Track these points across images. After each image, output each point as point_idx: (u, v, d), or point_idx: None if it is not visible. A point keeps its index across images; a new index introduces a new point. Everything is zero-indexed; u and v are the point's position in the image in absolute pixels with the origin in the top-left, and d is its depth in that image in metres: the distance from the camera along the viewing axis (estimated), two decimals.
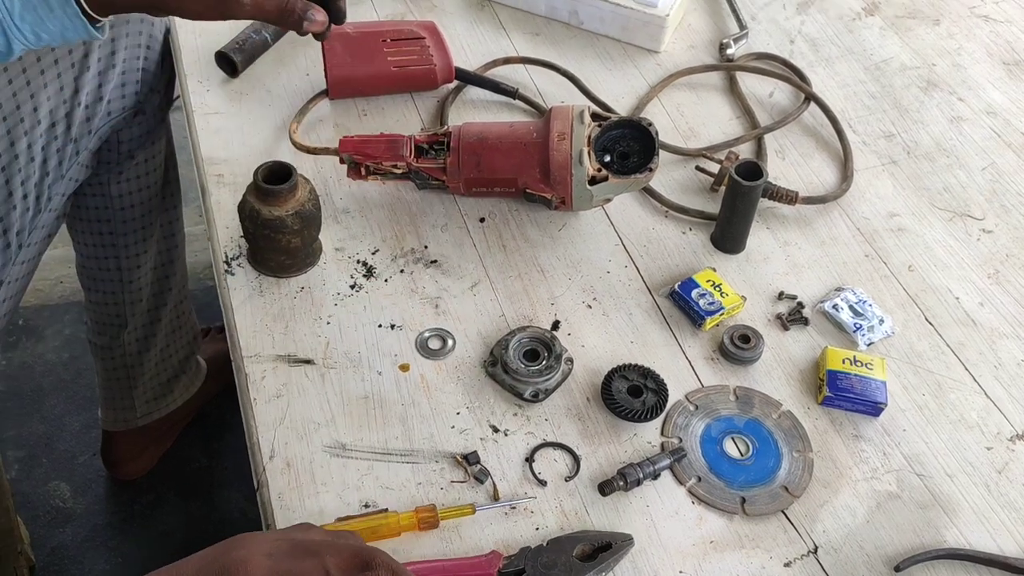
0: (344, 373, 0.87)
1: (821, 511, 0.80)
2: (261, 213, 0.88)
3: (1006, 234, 1.03)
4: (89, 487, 1.52)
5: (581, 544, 0.75)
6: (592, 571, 0.73)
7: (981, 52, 1.25)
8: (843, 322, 0.92)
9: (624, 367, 0.87)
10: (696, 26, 1.26)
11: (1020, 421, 0.87)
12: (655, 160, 0.94)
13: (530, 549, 0.74)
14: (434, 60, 1.10)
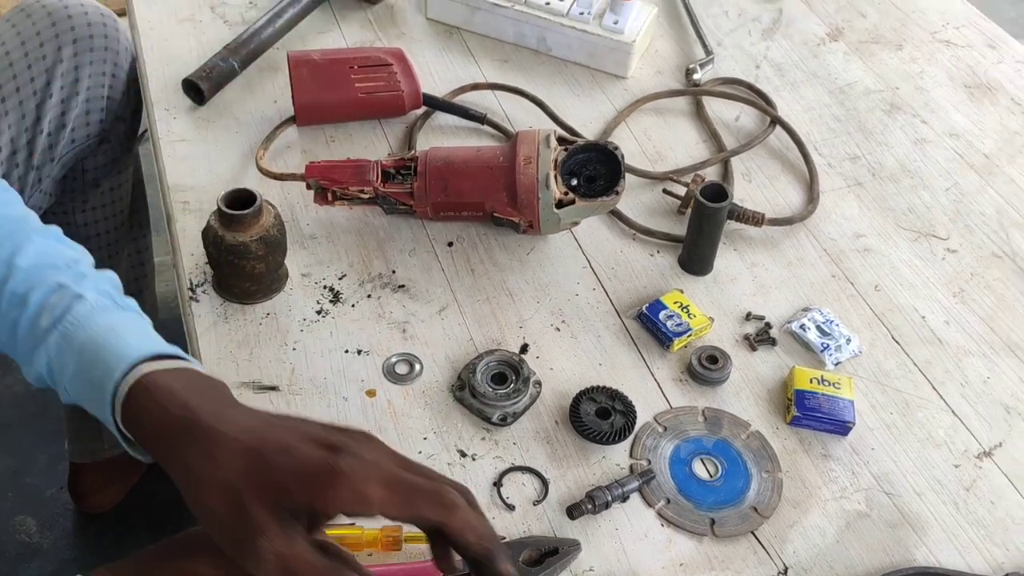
0: (310, 399, 0.86)
1: (791, 531, 0.80)
2: (225, 239, 0.87)
3: (970, 253, 1.04)
4: (56, 521, 1.50)
5: (528, 549, 0.75)
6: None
7: (943, 76, 1.27)
8: (810, 342, 0.93)
9: (592, 389, 0.86)
10: (663, 52, 1.27)
11: (987, 438, 0.88)
12: (621, 183, 0.94)
13: None
14: (402, 86, 1.10)
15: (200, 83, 1.11)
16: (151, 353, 0.61)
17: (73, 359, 0.62)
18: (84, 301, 0.64)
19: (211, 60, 1.13)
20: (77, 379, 0.62)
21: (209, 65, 1.12)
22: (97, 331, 0.62)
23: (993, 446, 0.87)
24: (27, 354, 0.65)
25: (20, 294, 0.65)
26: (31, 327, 0.64)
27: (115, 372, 0.59)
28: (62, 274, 0.67)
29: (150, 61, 1.17)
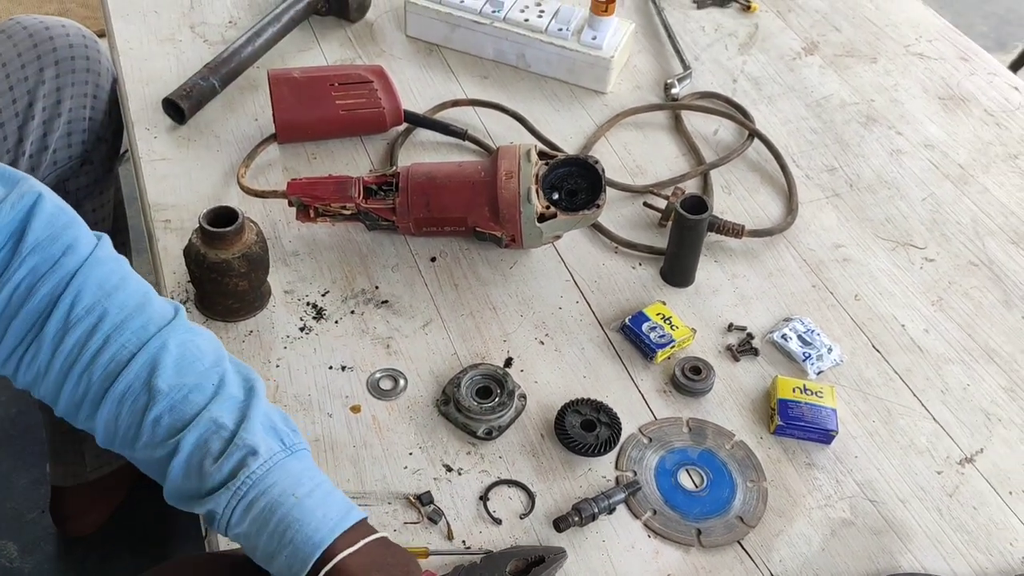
0: (294, 416, 0.85)
1: (777, 540, 0.80)
2: (207, 256, 0.87)
3: (947, 262, 1.05)
4: (38, 545, 1.48)
5: (515, 559, 0.75)
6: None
7: (917, 88, 1.29)
8: (792, 352, 0.93)
9: (577, 402, 0.87)
10: (641, 67, 1.29)
11: (968, 445, 0.88)
12: (602, 196, 0.95)
13: (463, 567, 0.74)
14: (382, 103, 1.11)
15: (180, 102, 1.11)
16: (340, 531, 0.62)
17: (246, 522, 0.62)
18: (257, 456, 0.62)
19: (191, 79, 1.13)
20: (247, 540, 0.63)
21: (189, 84, 1.12)
22: (276, 498, 0.62)
23: (974, 452, 0.88)
24: (183, 495, 0.64)
25: (167, 429, 0.63)
26: (191, 472, 0.63)
27: (308, 558, 0.61)
28: (208, 395, 0.64)
29: (130, 81, 1.17)
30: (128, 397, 0.64)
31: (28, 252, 0.64)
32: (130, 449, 0.65)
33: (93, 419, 0.65)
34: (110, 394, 0.64)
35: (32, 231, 0.64)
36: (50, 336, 0.63)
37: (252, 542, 0.63)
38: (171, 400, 0.63)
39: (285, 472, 0.63)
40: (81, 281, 0.64)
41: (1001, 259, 1.06)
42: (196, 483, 0.63)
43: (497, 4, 1.24)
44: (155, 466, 0.65)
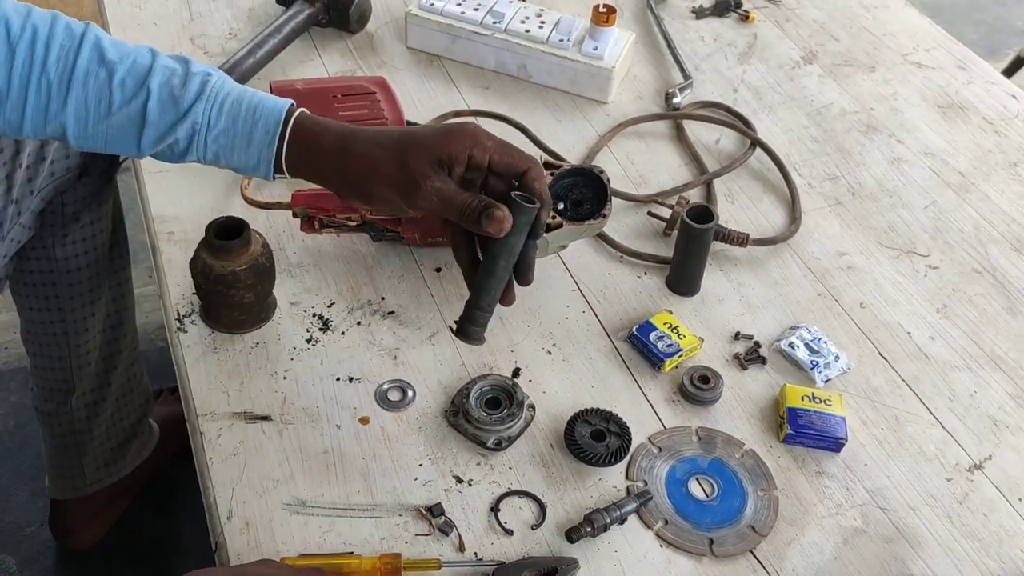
0: (302, 428, 0.85)
1: (789, 549, 0.80)
2: (214, 268, 0.87)
3: (951, 269, 1.06)
4: (37, 559, 1.46)
5: (527, 571, 0.74)
6: None
7: (916, 96, 1.29)
8: (800, 360, 0.93)
9: (586, 412, 0.86)
10: (642, 77, 1.29)
11: (976, 452, 0.89)
12: (608, 206, 0.95)
13: None
14: (385, 114, 1.11)
15: None
16: (291, 103, 0.79)
17: (222, 118, 0.77)
18: (212, 75, 0.78)
19: None
20: (226, 134, 0.78)
21: None
22: (239, 94, 0.78)
23: (983, 459, 0.88)
24: (163, 128, 0.77)
25: (134, 85, 0.76)
26: (165, 106, 0.77)
27: (276, 118, 0.77)
28: (149, 57, 0.78)
29: None
30: (89, 77, 0.76)
31: None
32: (106, 117, 0.77)
33: (64, 111, 0.77)
34: (72, 82, 0.76)
35: None
36: (2, 62, 0.75)
37: (230, 133, 0.78)
38: (125, 65, 0.77)
39: (234, 85, 0.80)
40: (4, 13, 0.75)
41: (1004, 266, 1.06)
42: (172, 111, 0.77)
43: (498, 15, 1.24)
44: (131, 122, 0.77)
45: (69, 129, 0.78)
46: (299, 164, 0.79)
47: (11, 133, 0.79)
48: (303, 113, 0.79)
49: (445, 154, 0.76)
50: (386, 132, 0.78)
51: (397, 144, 0.76)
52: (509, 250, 0.78)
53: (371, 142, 0.77)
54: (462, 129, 0.77)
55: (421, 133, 0.78)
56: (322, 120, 0.79)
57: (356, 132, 0.78)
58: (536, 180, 0.78)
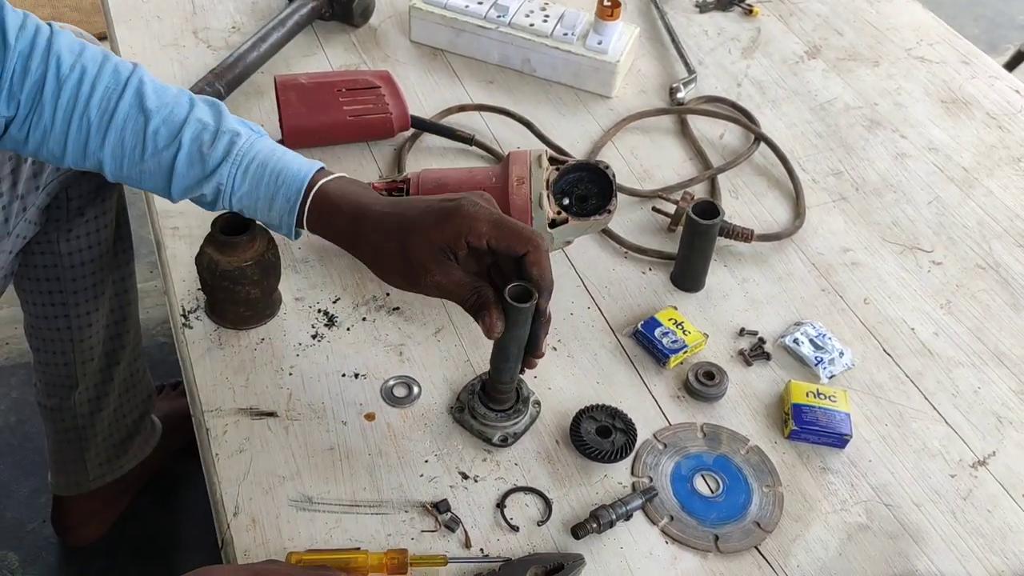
0: (308, 424, 0.85)
1: (794, 545, 0.80)
2: (220, 264, 0.87)
3: (955, 265, 1.06)
4: (39, 555, 1.47)
5: (533, 568, 0.74)
6: None
7: (919, 91, 1.29)
8: (804, 356, 0.94)
9: (592, 408, 0.86)
10: (646, 71, 1.29)
11: (980, 448, 0.89)
12: (613, 202, 0.95)
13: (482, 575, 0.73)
14: (390, 108, 1.11)
15: None
16: (316, 169, 0.81)
17: (246, 182, 0.80)
18: (240, 136, 0.80)
19: (196, 85, 1.13)
20: (249, 196, 0.81)
21: (195, 90, 1.12)
22: (264, 159, 0.80)
23: (987, 455, 0.88)
24: (189, 182, 0.81)
25: (167, 136, 0.80)
26: (193, 161, 0.80)
27: (297, 187, 0.79)
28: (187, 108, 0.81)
29: None
30: (128, 122, 0.80)
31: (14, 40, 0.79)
32: (140, 162, 0.81)
33: (101, 150, 0.81)
34: (112, 125, 0.80)
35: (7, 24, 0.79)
36: (49, 97, 0.79)
37: (252, 195, 0.80)
38: (162, 115, 0.80)
39: (262, 145, 0.81)
40: (57, 49, 0.80)
41: (1008, 262, 1.06)
42: (199, 169, 0.80)
43: (502, 9, 1.24)
44: (162, 170, 0.81)
45: (106, 166, 0.82)
46: (317, 232, 0.81)
47: (54, 162, 0.84)
48: (324, 186, 0.80)
49: (443, 242, 0.75)
50: (392, 215, 0.77)
51: (399, 233, 0.76)
52: (517, 340, 0.78)
53: (379, 225, 0.77)
54: (458, 213, 0.75)
55: (420, 220, 0.76)
56: (340, 193, 0.79)
57: (367, 213, 0.78)
58: (534, 265, 0.75)
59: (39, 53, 0.79)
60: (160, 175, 0.82)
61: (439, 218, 0.75)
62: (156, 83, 0.83)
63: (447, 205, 0.76)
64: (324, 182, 0.80)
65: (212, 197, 0.81)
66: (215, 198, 0.82)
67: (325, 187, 0.80)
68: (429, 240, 0.75)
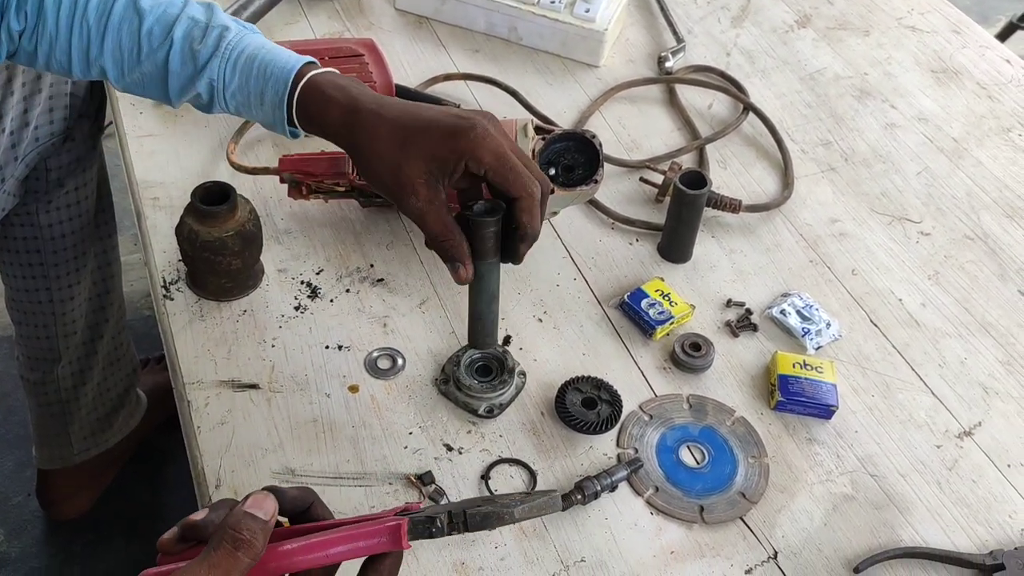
0: (291, 397, 0.84)
1: (779, 516, 0.80)
2: (200, 235, 0.85)
3: (943, 236, 1.05)
4: (24, 529, 1.46)
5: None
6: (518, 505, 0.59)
7: (910, 61, 1.28)
8: (791, 327, 0.93)
9: (577, 379, 0.86)
10: (634, 40, 1.27)
11: (966, 418, 0.89)
12: (600, 172, 0.93)
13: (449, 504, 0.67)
14: (374, 77, 1.09)
15: None
16: (304, 62, 0.78)
17: (236, 76, 0.78)
18: (229, 30, 0.79)
19: None
20: (241, 91, 0.79)
21: None
22: (253, 52, 0.78)
23: (973, 426, 0.88)
24: (184, 80, 0.80)
25: (160, 34, 0.79)
26: (185, 58, 0.79)
27: (286, 80, 0.77)
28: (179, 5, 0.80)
29: None
30: (123, 23, 0.79)
31: None
32: (137, 64, 0.80)
33: (102, 55, 0.80)
34: (109, 27, 0.79)
35: None
36: (51, 4, 0.79)
37: (244, 90, 0.79)
38: (155, 14, 0.79)
39: (250, 40, 0.80)
40: None
41: (996, 232, 1.06)
42: (191, 65, 0.79)
43: None
44: (158, 70, 0.80)
45: (109, 73, 0.81)
46: (312, 130, 0.78)
47: (63, 74, 0.83)
48: (313, 77, 0.76)
49: (442, 158, 0.71)
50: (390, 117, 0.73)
51: (400, 138, 0.72)
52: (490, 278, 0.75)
53: (379, 123, 0.73)
54: (466, 133, 0.71)
55: (425, 130, 0.72)
56: (331, 84, 0.76)
57: (360, 110, 0.74)
58: (524, 212, 0.72)
59: None
60: (157, 77, 0.80)
61: (445, 134, 0.71)
62: None
63: (459, 122, 0.72)
64: (314, 74, 0.77)
65: (207, 97, 0.80)
66: (210, 97, 0.80)
67: (315, 79, 0.77)
68: (429, 153, 0.71)
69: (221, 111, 0.81)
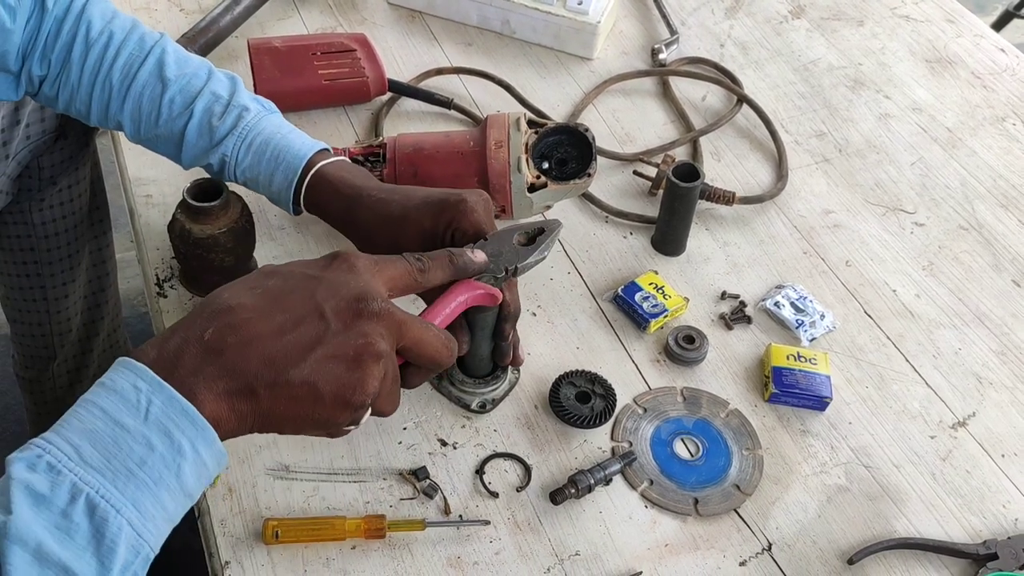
0: None
1: (773, 508, 0.80)
2: (192, 232, 0.85)
3: (937, 226, 1.05)
4: None
5: (517, 234, 0.75)
6: (536, 251, 0.74)
7: (904, 51, 1.28)
8: (785, 319, 0.93)
9: (571, 373, 0.86)
10: (628, 32, 1.27)
11: (961, 409, 0.89)
12: (593, 165, 0.93)
13: (473, 245, 0.73)
14: (366, 72, 1.09)
15: None
16: (316, 149, 0.82)
17: (249, 156, 0.82)
18: (248, 111, 0.83)
19: None
20: (251, 170, 0.82)
21: None
22: (268, 136, 0.82)
23: (967, 416, 0.88)
24: (198, 152, 0.83)
25: (181, 104, 0.82)
26: (203, 131, 0.82)
27: (296, 167, 0.81)
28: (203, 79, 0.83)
29: None
30: (146, 89, 0.83)
31: (52, 5, 0.82)
32: (154, 128, 0.83)
33: (121, 113, 0.84)
34: (132, 90, 0.83)
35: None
36: (77, 58, 0.82)
37: (255, 171, 0.82)
38: (179, 84, 0.83)
39: (269, 121, 0.84)
40: (88, 15, 0.83)
41: (990, 223, 1.06)
42: (207, 139, 0.82)
43: None
44: (174, 138, 0.83)
45: (126, 129, 0.85)
46: (314, 212, 0.82)
47: (83, 120, 0.86)
48: (323, 167, 0.80)
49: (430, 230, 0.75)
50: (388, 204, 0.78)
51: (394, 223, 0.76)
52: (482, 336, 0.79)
53: (373, 213, 0.77)
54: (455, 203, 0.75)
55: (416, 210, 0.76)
56: (337, 176, 0.80)
57: (362, 199, 0.78)
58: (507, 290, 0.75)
59: (72, 16, 0.83)
60: (172, 142, 0.84)
61: (434, 208, 0.75)
62: (180, 53, 0.85)
63: (448, 196, 0.76)
64: (322, 164, 0.81)
65: (218, 168, 0.83)
66: (221, 169, 0.83)
67: (323, 169, 0.80)
68: (420, 229, 0.75)
69: (229, 180, 0.85)
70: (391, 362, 0.59)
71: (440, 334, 0.63)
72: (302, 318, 0.56)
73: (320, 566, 0.73)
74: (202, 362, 0.54)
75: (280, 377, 0.55)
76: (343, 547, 0.74)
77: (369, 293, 0.59)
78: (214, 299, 0.58)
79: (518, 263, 0.72)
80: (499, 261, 0.72)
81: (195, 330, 0.55)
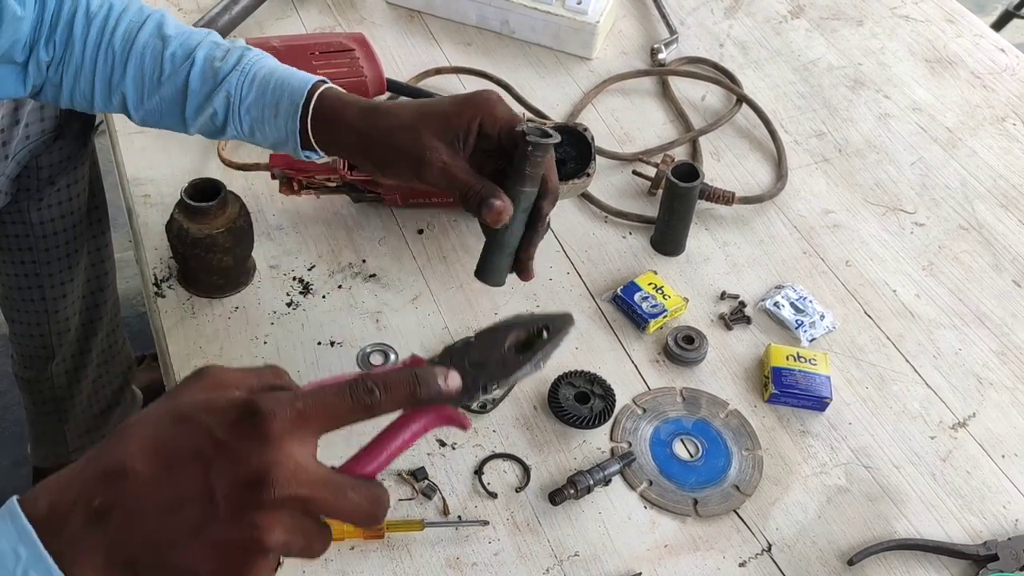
0: None
1: (773, 509, 0.80)
2: (190, 231, 0.85)
3: (937, 226, 1.05)
4: None
5: (515, 332, 0.60)
6: (528, 364, 0.59)
7: (904, 51, 1.28)
8: (785, 319, 0.93)
9: (570, 374, 0.86)
10: (627, 32, 1.27)
11: (961, 409, 0.89)
12: (592, 165, 0.93)
13: (455, 347, 0.59)
14: (365, 72, 1.08)
15: None
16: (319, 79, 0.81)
17: (252, 91, 0.80)
18: (250, 51, 0.82)
19: None
20: (256, 105, 0.80)
21: None
22: (271, 70, 0.81)
23: (967, 416, 0.88)
24: (201, 99, 0.81)
25: (183, 55, 0.81)
26: (206, 75, 0.81)
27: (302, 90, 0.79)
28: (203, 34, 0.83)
29: None
30: (147, 48, 0.82)
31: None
32: (158, 85, 0.82)
33: (124, 80, 0.82)
34: (133, 51, 0.82)
35: None
36: (79, 34, 0.82)
37: (259, 103, 0.80)
38: (178, 40, 0.82)
39: (269, 60, 0.83)
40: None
41: (991, 223, 1.06)
42: (211, 82, 0.81)
43: None
44: (177, 94, 0.82)
45: (129, 100, 0.83)
46: (325, 136, 0.80)
47: (86, 106, 0.85)
48: (330, 88, 0.80)
49: (456, 123, 0.75)
50: (406, 104, 0.79)
51: (413, 115, 0.76)
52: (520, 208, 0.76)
53: (390, 113, 0.77)
54: (475, 97, 0.76)
55: (436, 103, 0.78)
56: (349, 96, 0.80)
57: (378, 106, 0.79)
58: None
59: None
60: (176, 99, 0.82)
61: (457, 103, 0.76)
62: (177, 21, 0.85)
63: (469, 94, 0.78)
64: (329, 87, 0.81)
65: (223, 114, 0.81)
66: (226, 114, 0.81)
67: (332, 89, 0.80)
68: (444, 123, 0.75)
69: (234, 131, 0.82)
70: (295, 536, 0.51)
71: (362, 502, 0.53)
72: (192, 499, 0.49)
73: (319, 567, 0.73)
74: (87, 531, 0.49)
75: (161, 559, 0.50)
76: (342, 547, 0.74)
77: (270, 478, 0.49)
78: (112, 451, 0.51)
79: (501, 378, 0.58)
80: (479, 376, 0.57)
81: (87, 491, 0.50)
